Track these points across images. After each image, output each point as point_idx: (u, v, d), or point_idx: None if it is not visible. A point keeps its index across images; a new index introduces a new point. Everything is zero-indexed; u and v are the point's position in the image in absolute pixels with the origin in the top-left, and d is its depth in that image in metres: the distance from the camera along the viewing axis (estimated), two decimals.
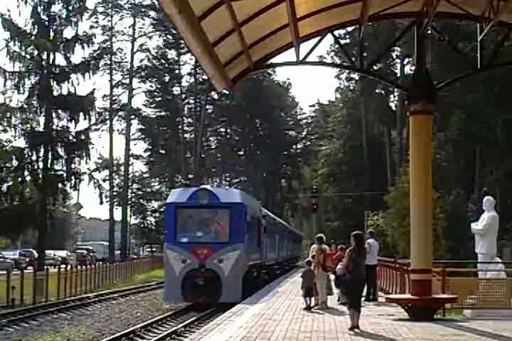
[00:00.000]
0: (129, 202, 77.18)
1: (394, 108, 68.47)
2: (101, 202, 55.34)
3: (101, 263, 44.07)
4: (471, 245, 21.44)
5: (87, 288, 34.68)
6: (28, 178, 47.13)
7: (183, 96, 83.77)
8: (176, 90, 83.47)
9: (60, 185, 47.53)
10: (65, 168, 47.45)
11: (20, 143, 47.26)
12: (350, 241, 14.63)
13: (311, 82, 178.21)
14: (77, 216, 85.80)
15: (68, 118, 47.61)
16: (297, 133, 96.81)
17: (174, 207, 25.50)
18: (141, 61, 79.83)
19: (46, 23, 47.47)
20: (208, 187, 27.66)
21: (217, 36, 14.35)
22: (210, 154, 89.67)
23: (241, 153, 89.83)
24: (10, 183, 46.44)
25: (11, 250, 62.00)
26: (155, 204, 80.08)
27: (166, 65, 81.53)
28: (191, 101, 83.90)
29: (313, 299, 18.41)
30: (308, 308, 17.98)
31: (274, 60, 17.81)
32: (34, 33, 46.96)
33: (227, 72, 16.04)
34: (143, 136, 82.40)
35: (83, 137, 48.00)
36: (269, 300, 21.30)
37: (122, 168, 78.11)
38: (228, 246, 24.68)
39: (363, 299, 19.68)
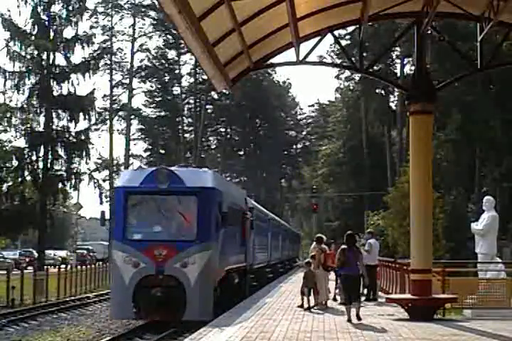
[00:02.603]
0: None
1: (394, 108, 68.50)
2: (101, 202, 55.38)
3: (101, 263, 44.07)
4: (471, 245, 21.46)
5: (87, 288, 34.67)
6: (28, 178, 47.09)
7: (183, 96, 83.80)
8: (176, 90, 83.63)
9: (60, 185, 47.50)
10: (65, 168, 47.43)
11: (20, 143, 47.29)
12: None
13: (311, 82, 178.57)
14: (77, 216, 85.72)
15: (68, 118, 47.58)
16: (297, 133, 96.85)
17: (124, 192, 18.87)
18: (141, 61, 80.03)
19: (46, 23, 47.44)
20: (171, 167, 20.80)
21: (217, 36, 14.36)
22: (210, 154, 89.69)
23: (241, 153, 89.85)
24: (10, 183, 46.44)
25: (11, 250, 62.00)
26: None
27: (166, 65, 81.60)
28: (191, 101, 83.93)
29: (312, 299, 18.41)
30: (308, 308, 17.98)
31: (274, 60, 17.84)
32: (34, 33, 46.95)
33: (227, 72, 16.05)
34: (143, 136, 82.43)
35: (83, 137, 47.98)
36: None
37: (122, 168, 78.14)
38: (195, 245, 18.09)
39: (363, 298, 19.86)
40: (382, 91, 68.23)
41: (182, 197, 18.89)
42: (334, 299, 20.03)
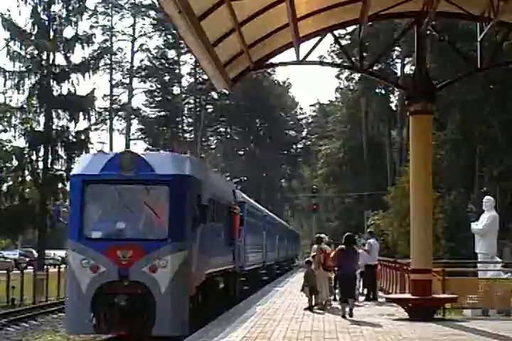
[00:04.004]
0: None
1: (394, 108, 68.50)
2: None
3: None
4: (471, 245, 21.47)
5: None
6: (28, 178, 47.14)
7: (183, 96, 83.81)
8: (176, 90, 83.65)
9: (60, 185, 47.52)
10: (64, 168, 47.43)
11: (20, 143, 47.33)
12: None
13: (311, 82, 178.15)
14: None
15: (68, 118, 47.62)
16: (297, 133, 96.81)
17: (80, 181, 15.68)
18: (141, 61, 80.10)
19: (46, 23, 47.48)
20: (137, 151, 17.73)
21: (217, 36, 14.37)
22: (210, 154, 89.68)
23: (241, 153, 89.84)
24: (10, 183, 46.47)
25: (11, 250, 62.01)
26: None
27: (166, 64, 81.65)
28: (191, 101, 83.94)
29: (313, 298, 18.41)
30: (309, 308, 17.97)
31: (274, 60, 17.84)
32: (34, 33, 46.99)
33: (227, 72, 16.05)
34: (143, 136, 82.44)
35: (83, 137, 48.00)
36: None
37: None
38: (167, 244, 14.98)
39: (363, 298, 19.95)
40: (383, 91, 68.23)
41: (151, 186, 15.56)
42: (334, 299, 20.02)
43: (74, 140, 47.67)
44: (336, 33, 18.69)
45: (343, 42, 59.69)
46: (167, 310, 14.57)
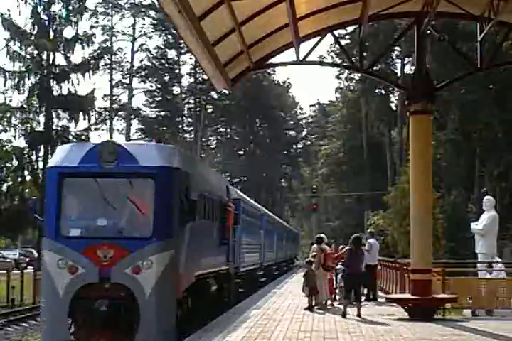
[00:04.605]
0: None
1: (394, 108, 68.51)
2: None
3: None
4: (471, 245, 21.48)
5: None
6: (28, 178, 47.15)
7: (183, 96, 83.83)
8: (176, 90, 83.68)
9: None
10: None
11: (21, 143, 47.38)
12: (349, 242, 17.27)
13: (311, 82, 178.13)
14: None
15: (68, 118, 47.67)
16: (297, 133, 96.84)
17: (57, 174, 14.28)
18: (141, 61, 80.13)
19: (46, 23, 47.52)
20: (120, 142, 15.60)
21: (217, 36, 14.37)
22: (210, 154, 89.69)
23: (241, 153, 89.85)
24: (10, 183, 46.49)
25: (11, 250, 61.99)
26: None
27: (166, 64, 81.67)
28: (191, 101, 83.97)
29: (313, 298, 18.42)
30: (310, 308, 17.97)
31: (274, 60, 17.84)
32: (34, 33, 47.02)
33: (227, 72, 16.05)
34: (143, 136, 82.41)
35: (83, 137, 48.02)
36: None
37: None
38: (152, 243, 13.59)
39: (362, 298, 19.98)
40: (382, 91, 68.24)
41: (135, 180, 14.08)
42: (334, 299, 20.02)
43: (74, 140, 47.65)
44: (336, 33, 18.70)
45: (343, 42, 59.72)
46: (152, 315, 13.21)
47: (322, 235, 20.18)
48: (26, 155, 46.50)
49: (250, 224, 28.69)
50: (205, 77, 52.72)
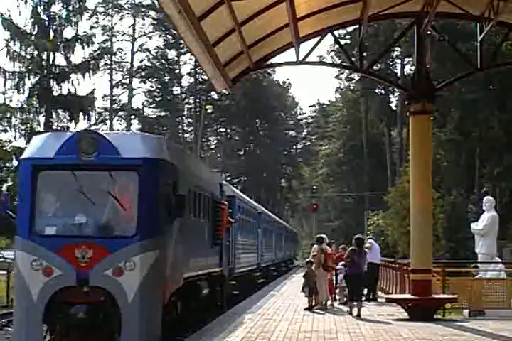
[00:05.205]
0: None
1: (394, 108, 68.52)
2: None
3: None
4: (471, 245, 21.49)
5: None
6: None
7: (183, 96, 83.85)
8: (176, 90, 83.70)
9: None
10: None
11: (21, 143, 47.33)
12: (352, 243, 17.80)
13: (311, 82, 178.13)
14: None
15: (68, 118, 47.68)
16: (297, 133, 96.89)
17: (31, 167, 12.95)
18: (141, 61, 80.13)
19: (46, 23, 47.54)
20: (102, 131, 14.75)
21: (217, 36, 14.37)
22: (210, 154, 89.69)
23: (241, 153, 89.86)
24: (10, 183, 46.47)
25: (11, 250, 61.98)
26: None
27: (166, 65, 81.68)
28: (191, 101, 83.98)
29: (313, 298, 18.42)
30: (310, 308, 17.98)
31: (274, 60, 17.85)
32: (34, 33, 47.05)
33: (227, 72, 16.05)
34: None
35: None
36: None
37: None
38: (136, 242, 12.25)
39: (363, 298, 20.01)
40: (382, 91, 68.26)
41: (116, 173, 12.67)
42: (334, 299, 20.03)
43: None
44: (335, 33, 18.69)
45: (343, 42, 59.74)
46: (134, 321, 11.91)
47: (323, 235, 20.20)
48: None
49: (247, 223, 27.64)
50: (205, 77, 52.75)
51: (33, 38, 46.83)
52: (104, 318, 11.95)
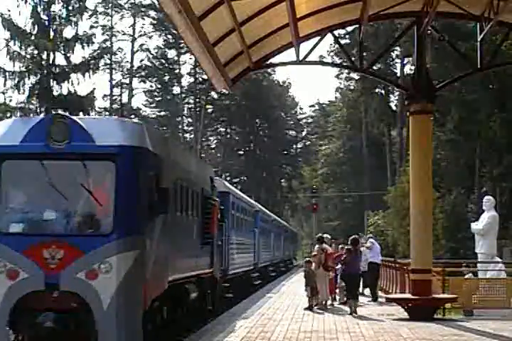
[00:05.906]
0: None
1: (394, 108, 68.51)
2: None
3: None
4: (471, 245, 21.50)
5: None
6: None
7: (183, 96, 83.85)
8: (176, 90, 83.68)
9: None
10: None
11: None
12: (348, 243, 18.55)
13: (311, 82, 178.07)
14: None
15: None
16: (297, 133, 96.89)
17: None
18: (141, 61, 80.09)
19: (46, 22, 47.48)
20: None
21: (217, 36, 14.38)
22: (210, 154, 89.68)
23: (241, 153, 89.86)
24: None
25: None
26: None
27: (166, 64, 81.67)
28: (191, 101, 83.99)
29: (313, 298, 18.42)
30: (310, 308, 17.98)
31: (274, 60, 17.86)
32: (34, 32, 46.97)
33: (227, 72, 16.05)
34: None
35: None
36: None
37: None
38: (112, 241, 10.89)
39: (367, 299, 20.20)
40: (382, 91, 68.23)
41: (90, 162, 11.22)
42: (334, 299, 20.02)
43: None
44: (335, 32, 18.71)
45: (343, 42, 59.75)
46: (111, 331, 10.59)
47: (324, 235, 20.25)
48: None
49: (242, 221, 26.38)
50: (205, 77, 52.74)
51: (33, 37, 46.78)
52: (76, 328, 10.64)
